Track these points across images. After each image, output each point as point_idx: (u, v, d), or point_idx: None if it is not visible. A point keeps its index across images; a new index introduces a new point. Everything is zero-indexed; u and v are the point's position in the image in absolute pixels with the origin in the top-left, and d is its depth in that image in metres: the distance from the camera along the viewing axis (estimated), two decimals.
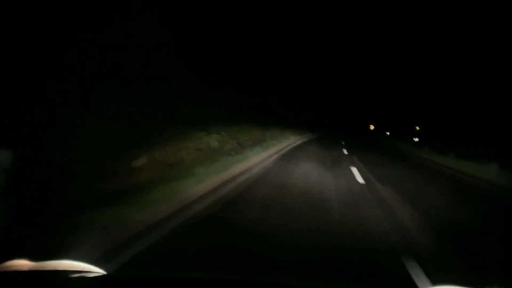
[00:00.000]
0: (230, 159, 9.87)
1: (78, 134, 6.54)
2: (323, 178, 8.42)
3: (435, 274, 3.17)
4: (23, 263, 1.25)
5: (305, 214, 5.00)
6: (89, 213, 4.03)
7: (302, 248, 3.61)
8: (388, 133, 62.22)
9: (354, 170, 10.49)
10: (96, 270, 1.30)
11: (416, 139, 37.10)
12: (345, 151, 18.23)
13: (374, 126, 65.66)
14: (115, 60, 8.92)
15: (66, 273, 1.23)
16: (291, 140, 22.17)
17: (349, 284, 2.45)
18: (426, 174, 12.69)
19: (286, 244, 3.68)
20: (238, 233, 3.98)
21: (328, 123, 37.47)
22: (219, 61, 17.94)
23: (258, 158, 11.27)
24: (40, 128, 5.87)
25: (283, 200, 5.77)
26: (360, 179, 8.78)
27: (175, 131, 9.62)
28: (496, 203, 8.43)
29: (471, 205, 7.29)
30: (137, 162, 7.15)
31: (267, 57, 27.11)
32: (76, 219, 3.79)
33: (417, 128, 53.19)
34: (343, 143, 26.50)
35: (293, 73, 32.64)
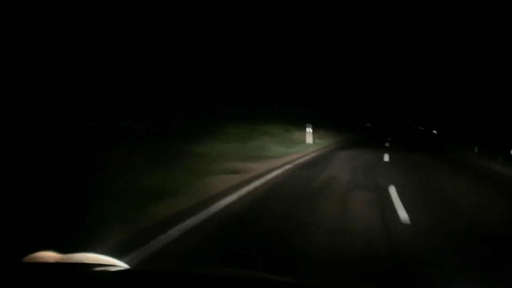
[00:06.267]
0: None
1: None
2: None
3: None
4: (49, 255, 1.30)
5: None
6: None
7: None
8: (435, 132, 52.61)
9: None
10: (120, 264, 1.34)
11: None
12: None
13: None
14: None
15: (90, 266, 1.29)
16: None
17: (352, 283, 2.28)
18: None
19: None
20: None
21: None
22: None
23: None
24: None
25: None
26: None
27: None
28: None
29: None
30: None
31: None
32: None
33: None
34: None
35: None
